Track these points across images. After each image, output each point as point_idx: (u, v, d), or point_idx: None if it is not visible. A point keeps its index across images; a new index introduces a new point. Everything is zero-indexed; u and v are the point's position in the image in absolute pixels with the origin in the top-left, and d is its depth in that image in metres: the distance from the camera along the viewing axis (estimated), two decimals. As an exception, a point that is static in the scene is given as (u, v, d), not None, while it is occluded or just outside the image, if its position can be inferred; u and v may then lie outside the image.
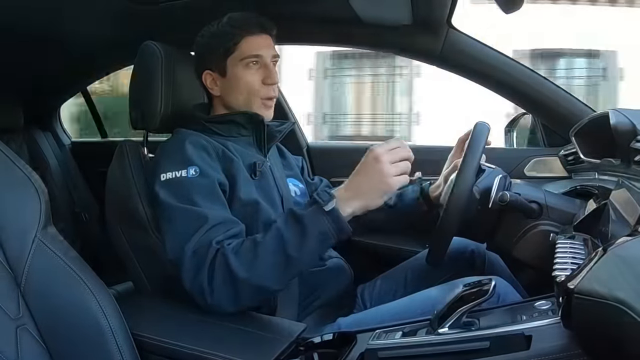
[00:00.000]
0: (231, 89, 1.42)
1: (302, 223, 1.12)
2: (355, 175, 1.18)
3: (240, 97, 1.42)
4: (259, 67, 1.41)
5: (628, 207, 1.00)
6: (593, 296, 0.73)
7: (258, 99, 1.41)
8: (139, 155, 1.44)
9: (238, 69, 1.40)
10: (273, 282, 1.13)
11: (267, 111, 1.44)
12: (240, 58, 1.39)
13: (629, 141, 1.26)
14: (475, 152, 1.26)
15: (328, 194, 1.14)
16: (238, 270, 1.10)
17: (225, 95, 1.44)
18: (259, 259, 1.12)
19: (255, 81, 1.40)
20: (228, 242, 1.15)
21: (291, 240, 1.12)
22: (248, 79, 1.40)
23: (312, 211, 1.13)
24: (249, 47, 1.39)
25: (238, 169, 1.33)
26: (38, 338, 0.96)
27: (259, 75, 1.41)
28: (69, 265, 0.99)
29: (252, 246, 1.14)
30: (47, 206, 1.01)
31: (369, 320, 1.26)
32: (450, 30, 1.81)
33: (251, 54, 1.39)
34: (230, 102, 1.44)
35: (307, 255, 1.14)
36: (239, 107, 1.43)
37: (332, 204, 1.11)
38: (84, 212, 2.79)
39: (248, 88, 1.40)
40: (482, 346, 0.93)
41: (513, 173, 1.89)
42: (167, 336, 1.09)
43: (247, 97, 1.41)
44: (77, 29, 2.07)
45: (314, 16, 1.87)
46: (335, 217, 1.12)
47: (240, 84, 1.40)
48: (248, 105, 1.42)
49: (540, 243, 1.27)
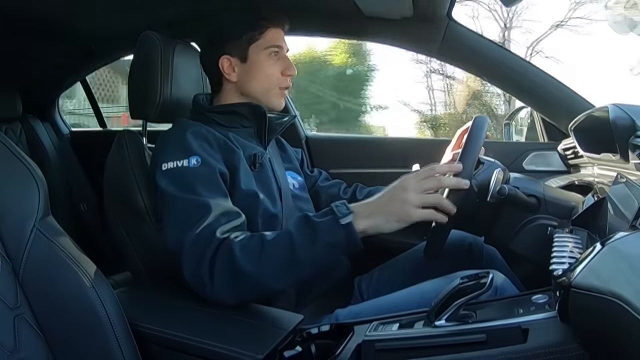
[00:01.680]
0: (250, 76, 1.44)
1: (315, 230, 1.11)
2: (380, 196, 1.17)
3: (258, 84, 1.45)
4: (279, 58, 1.45)
5: (626, 201, 1.00)
6: (590, 290, 0.73)
7: (277, 88, 1.46)
8: (138, 145, 1.44)
9: (261, 57, 1.43)
10: (275, 281, 1.13)
11: (282, 100, 1.49)
12: (265, 47, 1.43)
13: (628, 136, 1.26)
14: (474, 145, 1.26)
15: (346, 207, 1.13)
16: (243, 263, 1.10)
17: (243, 81, 1.45)
18: (265, 255, 1.11)
19: (276, 71, 1.45)
20: (235, 234, 1.15)
21: (301, 245, 1.11)
22: (270, 69, 1.44)
23: (327, 221, 1.12)
24: (274, 37, 1.44)
25: (239, 159, 1.33)
26: (36, 327, 0.97)
27: (279, 66, 1.45)
28: (68, 254, 0.99)
29: (259, 242, 1.14)
30: (45, 196, 1.01)
31: (367, 312, 1.26)
32: (451, 22, 1.81)
33: (275, 44, 1.44)
34: (248, 88, 1.45)
35: (313, 262, 1.13)
36: (255, 94, 1.45)
37: (349, 218, 1.11)
38: (83, 202, 2.79)
39: (269, 77, 1.44)
40: (478, 339, 0.93)
41: (512, 167, 1.89)
42: (164, 326, 1.09)
43: (267, 85, 1.45)
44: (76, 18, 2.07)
45: (315, 8, 1.87)
46: (349, 231, 1.11)
47: (262, 72, 1.44)
48: (266, 93, 1.45)
49: (538, 237, 1.27)
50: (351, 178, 1.79)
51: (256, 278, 1.11)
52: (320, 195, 1.65)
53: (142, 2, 1.84)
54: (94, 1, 1.89)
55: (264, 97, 1.45)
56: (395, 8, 1.76)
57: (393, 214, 1.14)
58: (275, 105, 1.48)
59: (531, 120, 2.21)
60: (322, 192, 1.66)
